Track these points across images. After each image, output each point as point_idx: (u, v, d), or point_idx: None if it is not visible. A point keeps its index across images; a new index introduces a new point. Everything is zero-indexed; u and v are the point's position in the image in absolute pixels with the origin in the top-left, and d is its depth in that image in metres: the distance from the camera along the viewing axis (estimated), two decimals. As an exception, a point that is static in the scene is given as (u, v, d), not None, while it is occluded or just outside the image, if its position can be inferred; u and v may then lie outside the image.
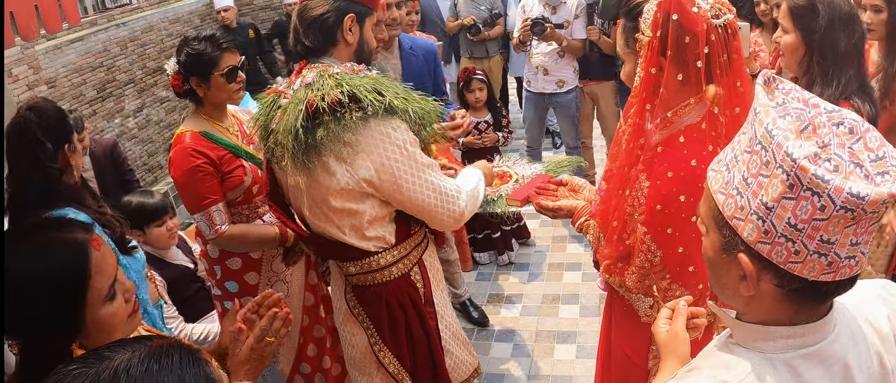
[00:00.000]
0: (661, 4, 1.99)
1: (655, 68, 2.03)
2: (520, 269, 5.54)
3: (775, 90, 1.26)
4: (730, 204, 1.25)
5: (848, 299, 1.37)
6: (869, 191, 1.10)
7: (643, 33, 2.06)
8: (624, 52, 2.26)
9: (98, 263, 1.67)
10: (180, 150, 2.93)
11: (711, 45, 1.96)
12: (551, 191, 2.67)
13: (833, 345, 1.28)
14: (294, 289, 3.28)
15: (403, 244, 2.63)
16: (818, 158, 1.14)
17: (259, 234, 3.07)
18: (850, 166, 1.14)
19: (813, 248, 1.17)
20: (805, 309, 1.27)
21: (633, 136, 2.13)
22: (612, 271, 2.30)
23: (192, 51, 2.96)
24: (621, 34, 2.26)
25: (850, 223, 1.14)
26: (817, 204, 1.13)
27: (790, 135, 1.16)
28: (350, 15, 2.45)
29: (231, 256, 3.10)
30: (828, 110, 1.20)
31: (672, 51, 1.98)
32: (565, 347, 4.51)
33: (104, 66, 8.56)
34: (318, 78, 2.35)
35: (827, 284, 1.21)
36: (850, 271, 1.20)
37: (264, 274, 3.18)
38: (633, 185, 2.13)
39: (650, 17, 2.03)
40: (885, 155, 1.16)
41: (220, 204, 2.97)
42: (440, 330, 2.77)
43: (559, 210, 2.55)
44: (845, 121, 1.19)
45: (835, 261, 1.18)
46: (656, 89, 2.05)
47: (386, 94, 2.31)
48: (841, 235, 1.16)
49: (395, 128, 2.35)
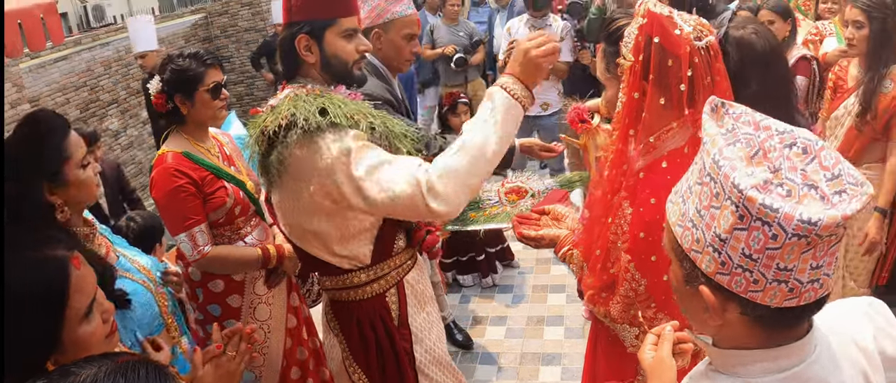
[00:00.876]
0: (643, 28, 1.96)
1: (638, 92, 1.99)
2: (504, 291, 5.53)
3: (724, 116, 1.25)
4: (687, 236, 1.25)
5: (832, 319, 1.36)
6: (821, 216, 1.08)
7: (625, 58, 2.03)
8: (605, 77, 2.23)
9: (77, 282, 1.65)
10: (162, 171, 2.90)
11: (695, 67, 1.93)
12: (534, 220, 2.61)
13: (813, 367, 1.26)
14: (276, 312, 3.25)
15: (380, 265, 2.59)
16: (769, 185, 1.13)
17: (242, 256, 3.05)
18: (804, 189, 1.13)
19: (771, 277, 1.15)
20: (777, 334, 1.25)
21: (616, 163, 2.10)
22: (596, 301, 2.26)
23: (176, 67, 2.94)
24: (602, 59, 2.23)
25: (806, 249, 1.12)
26: (769, 233, 1.11)
27: (737, 164, 1.15)
28: (301, 35, 2.41)
29: (213, 279, 3.08)
30: (780, 131, 1.19)
31: (654, 74, 1.95)
32: (550, 369, 4.49)
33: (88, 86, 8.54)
34: (281, 101, 2.37)
35: (792, 309, 1.19)
36: (815, 294, 1.19)
37: (247, 296, 3.15)
38: (616, 213, 2.10)
39: (632, 42, 1.99)
40: (841, 172, 1.15)
41: (203, 224, 2.94)
42: (416, 353, 2.72)
43: (542, 239, 2.49)
44: (798, 141, 1.18)
45: (796, 287, 1.16)
46: (639, 114, 2.02)
47: (330, 111, 2.26)
48: (798, 261, 1.14)
49: (337, 140, 2.25)
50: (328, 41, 2.44)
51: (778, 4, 4.60)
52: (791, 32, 4.59)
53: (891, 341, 1.41)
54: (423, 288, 2.80)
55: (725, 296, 1.22)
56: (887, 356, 1.39)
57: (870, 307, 1.46)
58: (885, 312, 1.46)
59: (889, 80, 3.71)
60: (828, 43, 4.81)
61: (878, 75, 3.72)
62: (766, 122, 1.21)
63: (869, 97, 3.75)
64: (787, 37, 4.58)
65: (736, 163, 1.15)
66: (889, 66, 3.72)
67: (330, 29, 2.44)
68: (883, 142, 3.84)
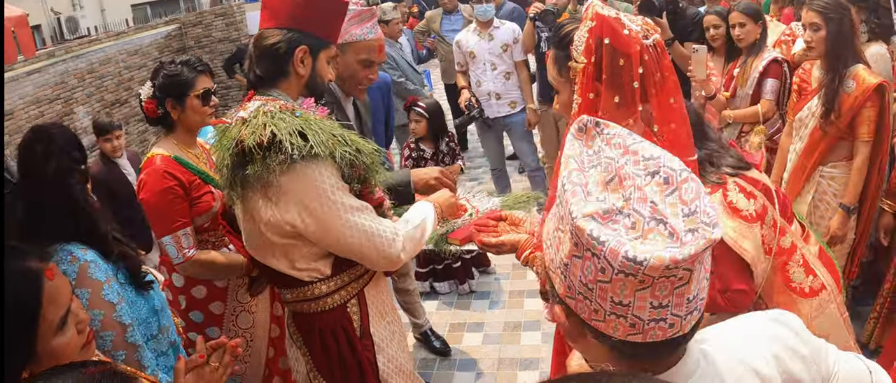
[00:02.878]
0: (593, 30, 2.01)
1: (593, 93, 2.04)
2: (481, 298, 5.58)
3: (595, 136, 1.23)
4: (548, 254, 1.24)
5: (727, 340, 1.33)
6: (647, 256, 1.04)
7: (576, 61, 2.08)
8: (557, 81, 2.26)
9: (51, 293, 1.68)
10: (152, 172, 2.96)
11: (645, 64, 1.99)
12: (492, 226, 2.62)
13: None
14: (259, 321, 3.28)
15: (340, 276, 2.58)
16: (611, 215, 1.09)
17: (227, 261, 3.09)
18: (651, 224, 1.09)
19: (608, 309, 1.12)
20: (639, 364, 1.20)
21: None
22: None
23: (169, 73, 3.02)
24: (553, 63, 2.26)
25: (640, 287, 1.08)
26: (598, 265, 1.08)
27: (578, 191, 1.13)
28: (302, 47, 2.44)
29: (196, 284, 3.11)
30: (646, 157, 1.16)
31: (607, 75, 2.01)
32: (528, 374, 4.54)
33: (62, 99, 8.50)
34: (253, 113, 2.33)
35: (641, 345, 1.14)
36: (663, 334, 1.13)
37: (230, 304, 3.18)
38: None
39: (582, 44, 2.04)
40: (697, 209, 1.09)
41: (189, 228, 2.99)
42: (379, 362, 2.72)
43: (502, 245, 2.50)
44: (661, 170, 1.14)
45: (637, 323, 1.12)
46: (594, 114, 2.05)
47: (310, 138, 2.26)
48: (634, 298, 1.09)
49: (320, 172, 2.31)
50: (320, 60, 2.51)
51: (748, 7, 4.68)
52: (762, 34, 4.68)
53: (798, 360, 1.35)
54: (383, 298, 2.80)
55: (579, 320, 1.19)
56: (793, 377, 1.34)
57: (776, 324, 1.40)
58: (795, 326, 1.40)
59: (851, 80, 3.77)
60: (799, 43, 4.89)
61: (838, 76, 3.78)
62: (636, 147, 1.18)
63: (831, 98, 3.82)
64: (757, 39, 4.67)
65: (578, 189, 1.14)
66: (849, 66, 3.78)
67: (324, 50, 2.52)
68: (849, 141, 3.91)
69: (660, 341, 1.13)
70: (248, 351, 3.24)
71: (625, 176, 1.13)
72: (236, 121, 2.35)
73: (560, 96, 2.29)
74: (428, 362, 4.81)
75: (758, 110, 4.61)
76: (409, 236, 2.57)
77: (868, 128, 3.80)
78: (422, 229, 2.64)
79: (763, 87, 4.64)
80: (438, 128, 5.42)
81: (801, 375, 1.33)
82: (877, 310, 4.05)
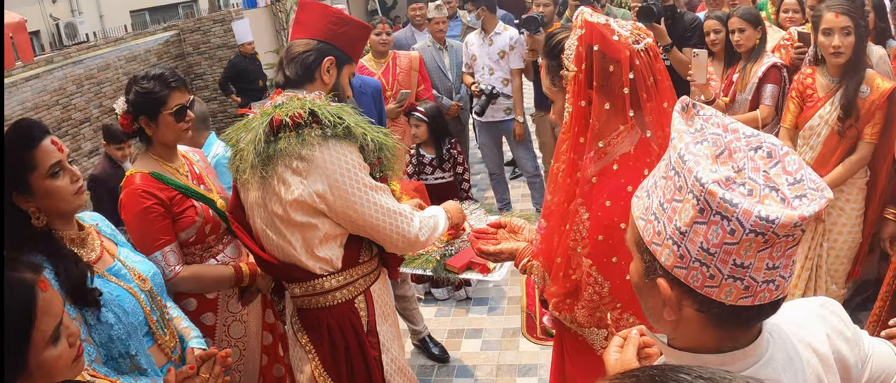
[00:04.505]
0: (582, 38, 2.03)
1: (585, 101, 2.06)
2: (479, 304, 5.56)
3: (694, 116, 1.28)
4: (649, 229, 1.27)
5: (786, 321, 1.39)
6: (779, 215, 1.10)
7: (568, 69, 2.10)
8: (550, 91, 2.29)
9: (44, 305, 1.65)
10: (130, 192, 2.89)
11: (636, 69, 2.00)
12: (491, 234, 2.68)
13: (765, 369, 1.28)
14: (252, 329, 3.26)
15: (349, 271, 2.71)
16: (731, 183, 1.15)
17: (214, 274, 3.05)
18: (766, 190, 1.15)
19: (727, 272, 1.17)
20: (730, 335, 1.27)
21: (569, 171, 2.16)
22: (561, 308, 2.29)
23: (140, 89, 2.90)
24: (546, 73, 2.29)
25: (763, 247, 1.14)
26: (727, 228, 1.13)
27: (701, 161, 1.18)
28: (330, 58, 2.69)
29: (186, 297, 3.06)
30: (747, 135, 1.22)
31: (598, 81, 2.03)
32: (526, 380, 4.52)
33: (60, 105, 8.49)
34: (287, 100, 2.56)
35: (748, 309, 1.21)
36: (770, 295, 1.20)
37: (221, 314, 3.14)
38: (573, 220, 2.14)
39: (573, 53, 2.07)
40: (803, 178, 1.17)
41: (174, 244, 2.93)
42: (383, 361, 2.80)
43: (500, 253, 2.56)
44: (764, 145, 1.20)
45: (752, 286, 1.18)
46: (587, 121, 2.08)
47: (346, 119, 2.49)
48: (755, 259, 1.16)
49: (350, 151, 2.52)
50: (343, 74, 2.79)
51: (747, 12, 4.68)
52: (761, 40, 4.67)
53: (844, 341, 1.43)
54: (387, 299, 2.91)
55: (682, 291, 1.24)
56: (842, 356, 1.42)
57: (822, 308, 1.48)
58: (839, 312, 1.49)
59: (866, 85, 3.79)
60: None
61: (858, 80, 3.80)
62: (733, 126, 1.24)
63: (851, 102, 3.82)
64: (756, 44, 4.66)
65: (700, 159, 1.18)
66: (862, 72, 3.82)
67: (348, 66, 2.81)
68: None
69: (759, 307, 1.21)
70: (241, 361, 3.21)
71: (734, 149, 1.19)
72: (269, 106, 2.57)
73: (554, 106, 2.33)
74: (426, 369, 4.79)
75: (757, 115, 4.59)
76: (426, 222, 2.76)
77: (874, 130, 3.82)
78: (435, 220, 2.82)
79: (762, 92, 4.62)
80: (439, 131, 5.41)
81: (847, 355, 1.43)
82: (875, 314, 4.03)
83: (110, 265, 2.52)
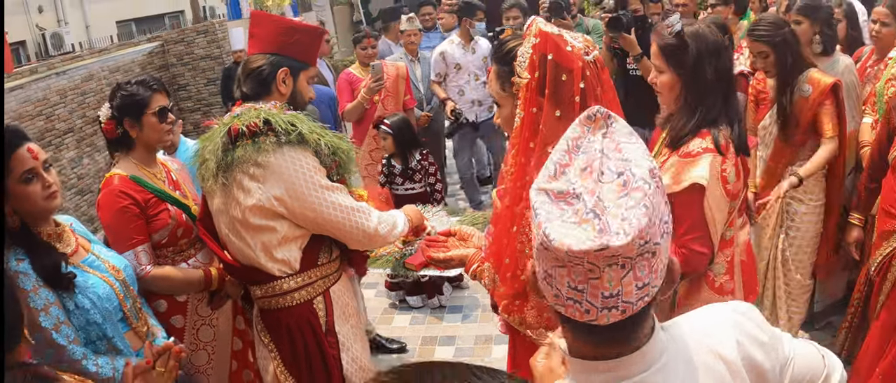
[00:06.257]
0: (537, 47, 2.11)
1: (536, 107, 2.14)
2: (453, 312, 5.64)
3: (603, 127, 1.26)
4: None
5: (693, 330, 1.40)
6: (557, 238, 1.13)
7: (520, 76, 2.17)
8: (500, 95, 2.36)
9: None
10: (108, 192, 3.04)
11: (587, 80, 2.09)
12: (441, 242, 2.73)
13: (655, 377, 1.28)
14: (221, 334, 3.32)
15: (308, 272, 2.82)
16: (563, 196, 1.18)
17: (184, 276, 3.15)
18: (589, 215, 1.15)
19: (542, 276, 1.22)
20: (604, 346, 1.27)
21: (518, 176, 2.22)
22: (510, 310, 2.36)
23: (125, 93, 3.09)
24: (496, 79, 2.36)
25: (557, 264, 1.17)
26: (537, 235, 1.18)
27: (552, 167, 1.23)
28: (284, 69, 2.81)
29: (157, 298, 3.15)
30: (624, 159, 1.21)
31: (550, 89, 2.11)
32: (497, 386, 4.57)
33: (43, 115, 8.52)
34: (244, 111, 2.71)
35: (592, 325, 1.21)
36: (580, 316, 1.20)
37: (190, 317, 3.22)
38: (520, 222, 2.20)
39: (526, 61, 2.14)
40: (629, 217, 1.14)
41: (147, 245, 3.05)
42: (343, 360, 2.90)
43: (450, 260, 2.61)
44: (625, 172, 1.19)
45: (560, 297, 1.21)
46: (537, 128, 2.15)
47: (299, 126, 2.62)
48: (556, 274, 1.18)
49: (304, 155, 2.66)
50: (300, 81, 2.91)
51: (715, 21, 4.78)
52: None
53: (758, 346, 1.41)
54: (348, 301, 3.00)
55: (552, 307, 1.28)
56: (754, 362, 1.40)
57: (734, 312, 1.47)
58: (754, 316, 1.47)
59: (807, 85, 3.91)
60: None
61: (790, 90, 3.94)
62: (625, 146, 1.23)
63: (785, 112, 3.96)
64: None
65: (553, 165, 1.23)
66: (804, 73, 3.93)
67: (304, 71, 2.92)
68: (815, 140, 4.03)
69: (599, 325, 1.20)
70: (209, 364, 3.28)
71: (595, 168, 1.20)
72: (228, 117, 2.71)
73: (502, 110, 2.38)
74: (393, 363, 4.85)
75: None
76: (384, 218, 2.87)
77: (832, 123, 3.91)
78: (394, 218, 2.93)
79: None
80: (406, 142, 5.47)
81: (761, 360, 1.40)
82: (848, 321, 4.12)
83: (85, 257, 2.71)
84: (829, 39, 4.37)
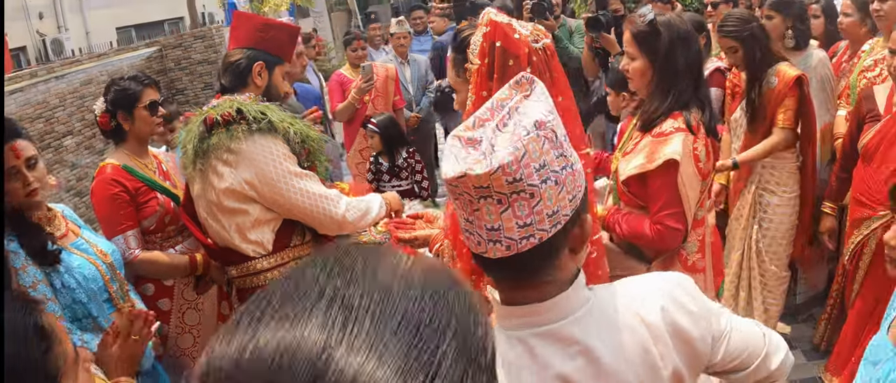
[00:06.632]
0: (487, 35, 2.23)
1: (486, 91, 2.23)
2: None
3: (528, 92, 1.36)
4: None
5: (623, 294, 1.45)
6: (443, 168, 1.27)
7: (472, 62, 2.30)
8: (455, 82, 2.53)
9: None
10: (100, 180, 3.22)
11: (533, 65, 2.19)
12: (409, 224, 2.87)
13: (570, 328, 1.35)
14: (206, 318, 3.45)
15: (281, 253, 2.97)
16: (472, 142, 1.29)
17: (171, 261, 3.30)
18: (480, 156, 1.27)
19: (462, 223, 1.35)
20: (509, 289, 1.39)
21: None
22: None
23: (118, 87, 3.27)
24: (452, 66, 2.53)
25: (452, 198, 1.31)
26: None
27: (472, 120, 1.34)
28: (260, 62, 2.97)
29: (144, 282, 3.31)
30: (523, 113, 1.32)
31: (498, 74, 2.21)
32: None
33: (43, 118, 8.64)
34: (220, 102, 2.88)
35: (486, 260, 1.33)
36: (475, 248, 1.34)
37: (176, 301, 3.36)
38: None
39: (477, 48, 2.27)
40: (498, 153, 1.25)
41: (136, 230, 3.22)
42: None
43: (416, 239, 2.72)
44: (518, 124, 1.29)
45: (464, 232, 1.35)
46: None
47: (269, 115, 2.78)
48: (458, 209, 1.33)
49: (274, 142, 2.81)
50: (275, 74, 3.05)
51: (692, 18, 4.86)
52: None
53: (685, 314, 1.43)
54: None
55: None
56: (680, 329, 1.42)
57: (668, 283, 1.50)
58: (689, 288, 1.49)
59: (774, 77, 3.98)
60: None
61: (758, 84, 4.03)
62: (535, 109, 1.32)
63: (754, 106, 4.06)
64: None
65: (474, 119, 1.35)
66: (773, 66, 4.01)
67: (279, 66, 3.07)
68: None
69: (491, 259, 1.31)
70: (195, 347, 3.41)
71: (503, 122, 1.30)
72: (206, 109, 2.87)
73: (458, 96, 2.54)
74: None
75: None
76: (353, 205, 2.98)
77: (785, 115, 3.99)
78: (367, 204, 3.05)
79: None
80: (392, 140, 5.59)
81: (687, 328, 1.42)
82: (827, 312, 4.19)
83: (74, 241, 2.86)
84: (801, 34, 4.47)
